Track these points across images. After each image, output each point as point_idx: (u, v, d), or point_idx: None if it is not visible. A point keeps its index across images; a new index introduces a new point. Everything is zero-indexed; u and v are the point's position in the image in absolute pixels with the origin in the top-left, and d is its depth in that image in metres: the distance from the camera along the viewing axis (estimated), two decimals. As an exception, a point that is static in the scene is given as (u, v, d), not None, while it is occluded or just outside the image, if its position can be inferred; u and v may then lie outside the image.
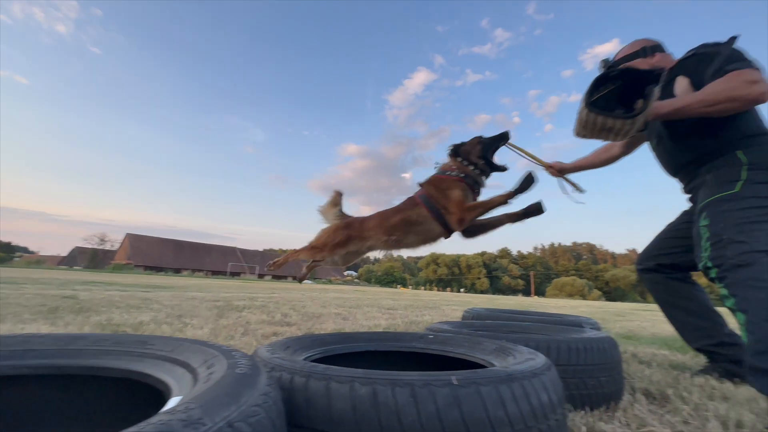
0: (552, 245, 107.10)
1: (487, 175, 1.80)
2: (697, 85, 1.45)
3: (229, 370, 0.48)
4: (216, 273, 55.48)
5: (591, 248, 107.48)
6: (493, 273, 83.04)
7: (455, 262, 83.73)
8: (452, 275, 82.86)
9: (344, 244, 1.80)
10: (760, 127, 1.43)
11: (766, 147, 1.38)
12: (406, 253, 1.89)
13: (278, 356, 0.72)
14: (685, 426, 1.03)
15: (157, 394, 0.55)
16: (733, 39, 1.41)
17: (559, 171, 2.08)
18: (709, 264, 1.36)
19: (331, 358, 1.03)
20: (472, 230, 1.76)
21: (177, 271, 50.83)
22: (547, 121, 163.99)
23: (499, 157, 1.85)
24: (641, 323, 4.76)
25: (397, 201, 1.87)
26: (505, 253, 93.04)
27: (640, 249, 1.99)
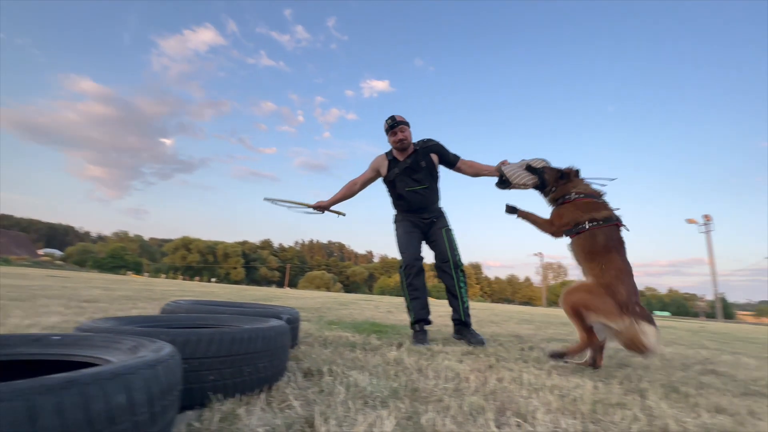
0: (311, 241, 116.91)
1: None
2: (444, 161, 2.82)
3: None
4: None
5: (341, 247, 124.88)
6: (251, 263, 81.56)
7: (211, 249, 76.65)
8: (205, 263, 75.40)
9: None
10: None
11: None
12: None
13: None
14: (319, 395, 1.24)
15: None
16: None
17: (323, 207, 2.97)
18: (459, 261, 2.70)
19: None
20: None
21: None
22: (326, 128, 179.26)
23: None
24: (352, 311, 5.77)
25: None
26: (267, 244, 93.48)
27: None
